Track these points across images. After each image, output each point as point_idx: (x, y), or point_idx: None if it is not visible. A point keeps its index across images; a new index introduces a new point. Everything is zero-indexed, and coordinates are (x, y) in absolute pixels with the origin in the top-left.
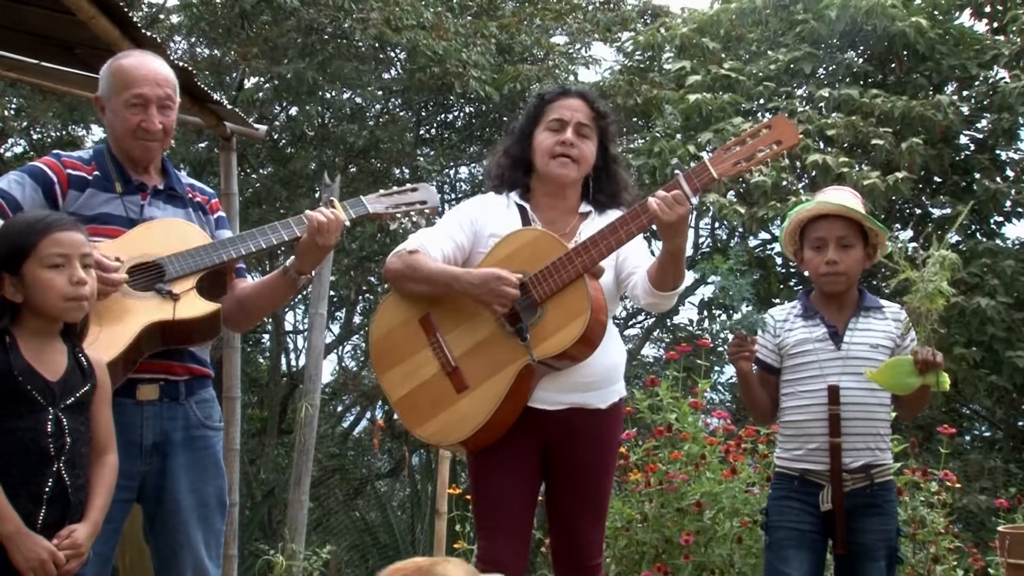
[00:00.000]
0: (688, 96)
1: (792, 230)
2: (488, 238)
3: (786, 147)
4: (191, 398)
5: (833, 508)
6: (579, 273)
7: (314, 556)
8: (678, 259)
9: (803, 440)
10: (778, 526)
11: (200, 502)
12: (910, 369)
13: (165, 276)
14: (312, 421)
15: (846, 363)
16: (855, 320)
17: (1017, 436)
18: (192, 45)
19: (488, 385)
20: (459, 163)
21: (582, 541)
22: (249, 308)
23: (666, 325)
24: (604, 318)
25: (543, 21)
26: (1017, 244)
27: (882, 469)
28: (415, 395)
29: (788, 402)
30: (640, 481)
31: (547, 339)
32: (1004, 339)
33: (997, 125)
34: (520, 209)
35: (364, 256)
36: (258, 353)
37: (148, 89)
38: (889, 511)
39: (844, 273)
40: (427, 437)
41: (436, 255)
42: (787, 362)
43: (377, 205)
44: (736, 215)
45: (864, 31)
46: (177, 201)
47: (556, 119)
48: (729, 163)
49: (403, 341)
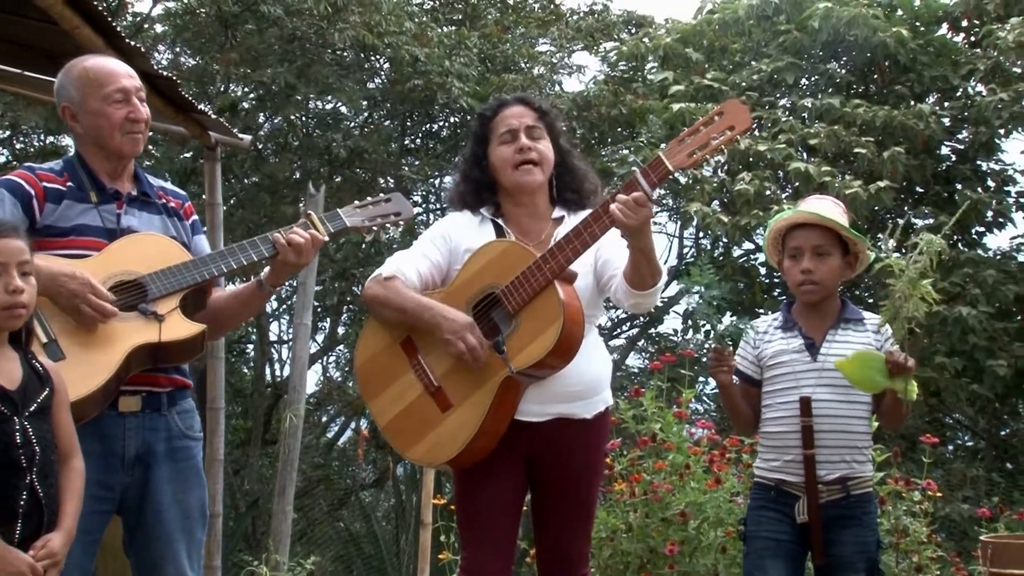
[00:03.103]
0: (672, 106)
1: (773, 240)
2: (464, 254)
3: (739, 131)
4: (173, 409)
5: (809, 520)
6: (549, 280)
7: (298, 567)
8: (649, 256)
9: (780, 451)
10: (756, 535)
11: (183, 513)
12: (880, 367)
13: (148, 296)
14: (296, 431)
15: (821, 375)
16: (833, 332)
17: (999, 445)
18: (176, 55)
19: (471, 402)
20: (444, 173)
21: (568, 552)
22: (222, 319)
23: (650, 335)
24: (580, 322)
25: (527, 29)
26: (998, 254)
27: (859, 481)
28: (402, 418)
29: (766, 413)
30: (625, 491)
31: (523, 349)
32: (985, 348)
33: (976, 138)
34: (494, 224)
35: (348, 266)
36: (242, 363)
37: (126, 81)
38: (867, 523)
39: (819, 282)
40: (418, 459)
41: (413, 277)
42: (766, 373)
43: (354, 218)
44: (719, 224)
45: (846, 41)
46: (151, 207)
47: (505, 131)
48: (684, 154)
49: (386, 365)
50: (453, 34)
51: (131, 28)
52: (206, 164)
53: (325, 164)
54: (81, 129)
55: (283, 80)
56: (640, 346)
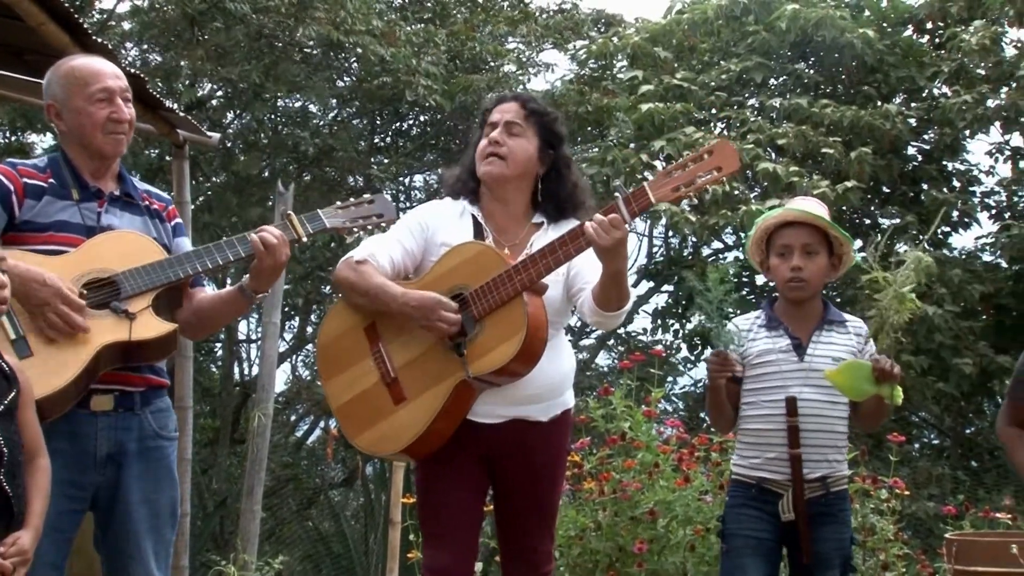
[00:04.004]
0: (640, 105)
1: (759, 238)
2: (439, 246)
3: (726, 173)
4: (146, 408)
5: (796, 517)
6: (517, 291)
7: (266, 566)
8: (619, 281)
9: (762, 449)
10: (736, 533)
11: (152, 512)
12: (867, 375)
13: (121, 294)
14: (265, 430)
15: (808, 375)
16: (818, 333)
17: (964, 444)
18: (143, 52)
19: (424, 398)
20: (413, 171)
21: (530, 550)
22: (206, 320)
23: (620, 335)
24: (543, 336)
25: (495, 27)
26: (964, 254)
27: (838, 479)
28: (355, 404)
29: (748, 411)
30: (594, 490)
31: (483, 356)
32: (951, 347)
33: (941, 139)
34: (473, 219)
35: (317, 266)
36: (211, 362)
37: (111, 82)
38: (843, 520)
39: (808, 280)
40: (364, 447)
41: (385, 263)
42: (749, 372)
43: (335, 219)
44: (688, 223)
45: (814, 42)
46: (134, 208)
47: (489, 123)
48: (668, 188)
49: (348, 349)
50: (421, 32)
51: (97, 25)
52: (174, 162)
53: (294, 162)
54: (65, 127)
55: (251, 77)
56: (610, 345)
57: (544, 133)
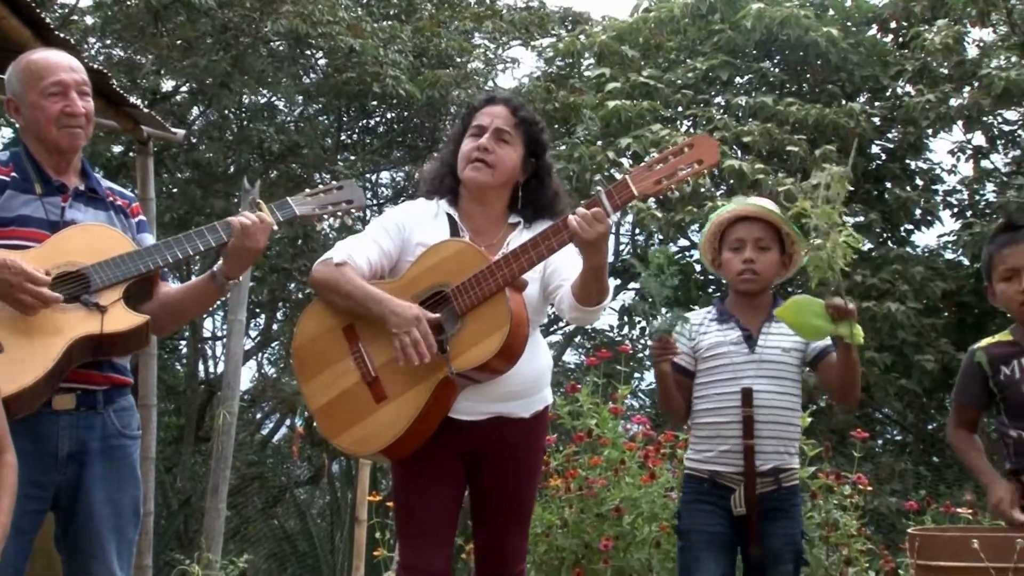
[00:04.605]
0: (607, 103)
1: (712, 233)
2: (416, 247)
3: (707, 166)
4: (109, 407)
5: (747, 509)
6: (500, 287)
7: (231, 565)
8: (600, 275)
9: (716, 442)
10: (691, 529)
11: (115, 512)
12: (818, 311)
13: (91, 287)
14: (230, 428)
15: (760, 366)
16: (768, 324)
17: (926, 440)
18: (106, 47)
19: (407, 396)
20: (380, 169)
21: (505, 548)
22: (175, 313)
23: (587, 331)
24: (525, 332)
25: (461, 23)
26: (926, 252)
27: (790, 473)
28: (335, 404)
29: (701, 404)
30: (560, 487)
31: (466, 352)
32: (914, 343)
33: (904, 138)
34: (449, 219)
35: (282, 262)
36: (175, 360)
37: (65, 75)
38: (794, 515)
39: (760, 273)
40: (345, 447)
41: (362, 264)
42: (701, 365)
43: (304, 207)
44: (654, 220)
45: (779, 41)
46: (98, 203)
47: (477, 125)
48: (651, 181)
49: (326, 349)
50: (387, 28)
51: (60, 20)
52: (138, 159)
53: (259, 159)
54: (23, 122)
55: (217, 70)
56: (577, 342)
57: (530, 142)
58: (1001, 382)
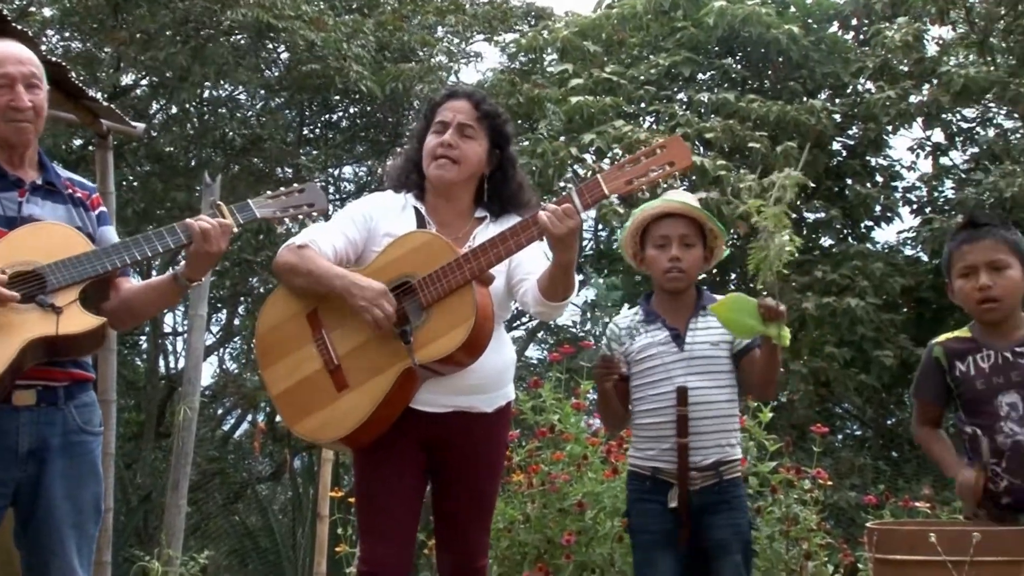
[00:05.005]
0: (570, 98)
1: (635, 229)
2: (383, 237)
3: (679, 168)
4: (70, 403)
5: (679, 508)
6: (467, 280)
7: (191, 561)
8: (568, 271)
9: (656, 441)
10: (642, 529)
11: (75, 508)
12: (751, 310)
13: (47, 287)
14: (191, 424)
15: (690, 363)
16: (695, 320)
17: (885, 435)
18: (65, 39)
19: (368, 385)
20: (343, 163)
21: (467, 543)
22: (136, 310)
23: (550, 327)
24: (490, 326)
25: (424, 17)
26: (886, 248)
27: (731, 466)
28: (296, 391)
29: (639, 406)
30: (523, 482)
31: (430, 344)
32: (873, 339)
33: (865, 134)
34: (416, 212)
35: (244, 257)
36: (135, 356)
37: (12, 68)
38: (738, 506)
39: (686, 271)
40: (304, 434)
41: (327, 250)
42: (634, 368)
43: (265, 209)
44: (616, 215)
45: (741, 38)
46: (56, 197)
47: (440, 121)
48: (622, 181)
49: (289, 336)
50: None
51: (17, 11)
52: (97, 152)
53: (221, 153)
54: None
55: (177, 63)
56: (540, 337)
57: (494, 135)
58: (957, 378)
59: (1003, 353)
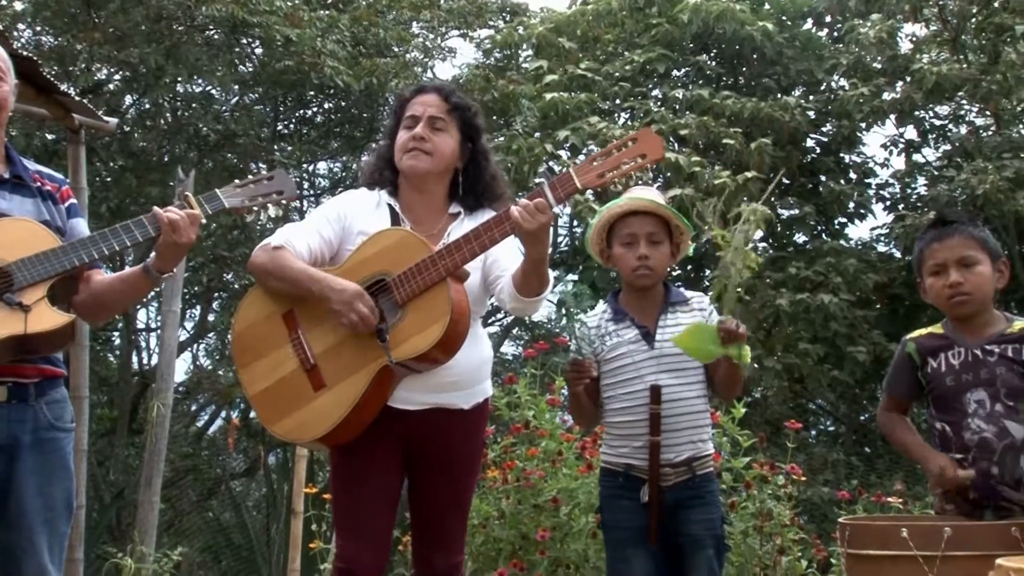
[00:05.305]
0: (545, 94)
1: (601, 227)
2: (357, 235)
3: (651, 160)
4: (41, 399)
5: (649, 502)
6: (442, 276)
7: (165, 558)
8: (540, 266)
9: (629, 439)
10: (615, 526)
11: (46, 505)
12: (713, 337)
13: (14, 285)
14: (164, 421)
15: (660, 361)
16: (664, 317)
17: (858, 430)
18: (37, 34)
19: (345, 384)
20: (317, 159)
21: (443, 539)
22: (107, 304)
23: (525, 323)
24: (466, 322)
25: (399, 13)
26: (859, 244)
27: (703, 461)
28: (273, 391)
29: (611, 404)
30: (498, 478)
31: (406, 341)
32: (846, 335)
33: (839, 131)
34: (390, 209)
35: (220, 253)
36: (108, 351)
37: None
38: (711, 501)
39: (654, 268)
40: (282, 434)
41: (302, 250)
42: (605, 367)
43: (234, 199)
44: (591, 212)
45: (716, 34)
46: (24, 190)
47: (410, 116)
48: (594, 174)
49: (265, 336)
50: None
51: None
52: (70, 147)
53: (195, 148)
54: None
55: (151, 60)
56: (515, 334)
57: (465, 127)
58: (928, 374)
59: (973, 351)
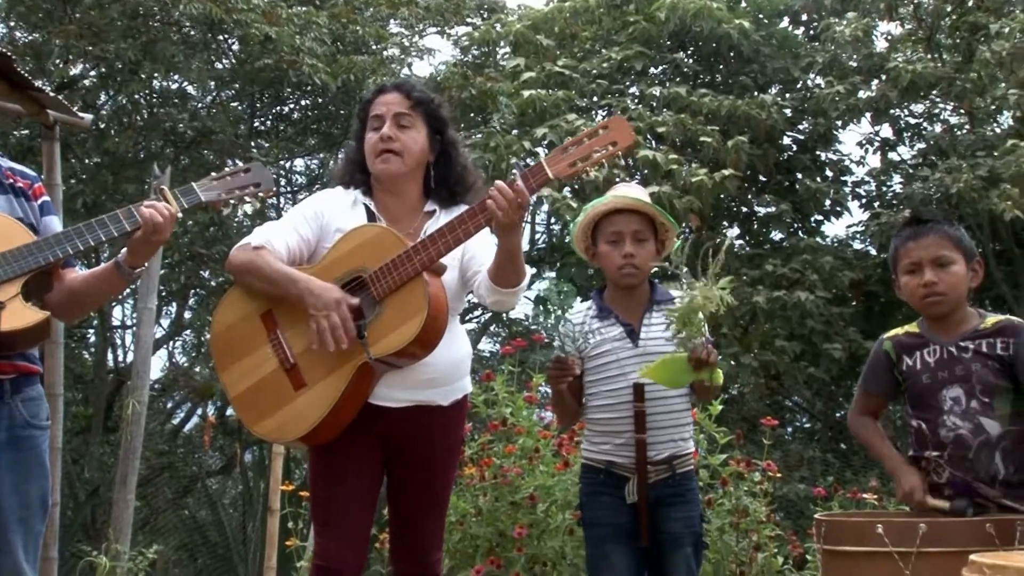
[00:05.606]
0: (523, 92)
1: (586, 225)
2: (334, 233)
3: (622, 148)
4: (16, 396)
5: (638, 501)
6: (418, 271)
7: (140, 556)
8: (515, 257)
9: (611, 436)
10: (596, 522)
11: (22, 503)
12: (683, 366)
13: None
14: (139, 418)
15: (644, 359)
16: (649, 315)
17: (834, 427)
18: (11, 29)
19: (325, 383)
20: (294, 156)
21: (421, 536)
22: (81, 300)
23: (502, 320)
24: (443, 317)
25: (376, 10)
26: (835, 242)
27: (684, 459)
28: (253, 392)
29: (593, 401)
30: (475, 475)
31: (384, 337)
32: (822, 332)
33: (815, 129)
34: (366, 208)
35: (196, 249)
36: (83, 349)
37: None
38: (691, 499)
39: (640, 267)
40: (264, 435)
41: (281, 249)
42: (588, 364)
43: (210, 193)
44: (569, 210)
45: (693, 32)
46: None
47: (375, 116)
48: (565, 163)
49: (244, 336)
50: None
51: None
52: (44, 144)
53: (171, 145)
54: None
55: (127, 57)
56: (492, 331)
57: (431, 120)
58: (904, 372)
59: (948, 348)
